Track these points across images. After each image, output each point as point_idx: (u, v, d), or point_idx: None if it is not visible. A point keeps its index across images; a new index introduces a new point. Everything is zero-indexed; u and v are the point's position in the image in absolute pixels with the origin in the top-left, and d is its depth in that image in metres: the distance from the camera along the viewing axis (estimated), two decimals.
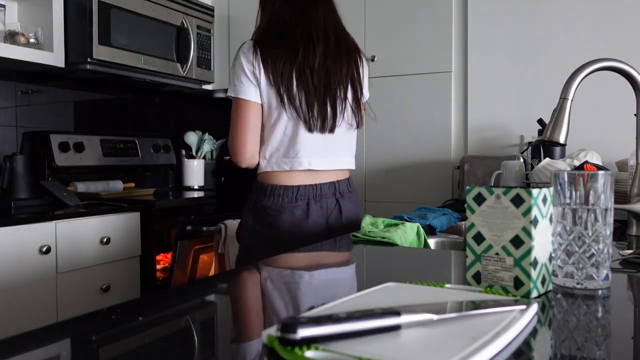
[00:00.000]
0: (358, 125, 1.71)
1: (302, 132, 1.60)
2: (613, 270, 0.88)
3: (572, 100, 1.24)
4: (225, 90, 3.23)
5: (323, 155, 1.65)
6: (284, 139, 1.62)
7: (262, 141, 1.67)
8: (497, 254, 0.75)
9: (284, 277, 1.00)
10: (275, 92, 1.59)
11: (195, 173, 2.99)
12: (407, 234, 1.25)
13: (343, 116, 1.65)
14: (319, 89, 1.60)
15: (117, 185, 2.58)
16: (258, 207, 1.64)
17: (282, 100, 1.59)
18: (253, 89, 1.62)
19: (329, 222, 1.65)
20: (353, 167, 1.75)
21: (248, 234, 1.66)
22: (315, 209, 1.62)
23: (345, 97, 1.65)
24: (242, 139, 1.66)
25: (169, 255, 2.77)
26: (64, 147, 2.42)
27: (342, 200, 1.69)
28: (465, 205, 0.78)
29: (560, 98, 1.25)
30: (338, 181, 1.70)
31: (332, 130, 1.64)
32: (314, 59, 1.60)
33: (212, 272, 2.48)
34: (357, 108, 1.69)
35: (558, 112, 1.25)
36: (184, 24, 2.77)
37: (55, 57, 2.27)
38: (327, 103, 1.62)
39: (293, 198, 1.61)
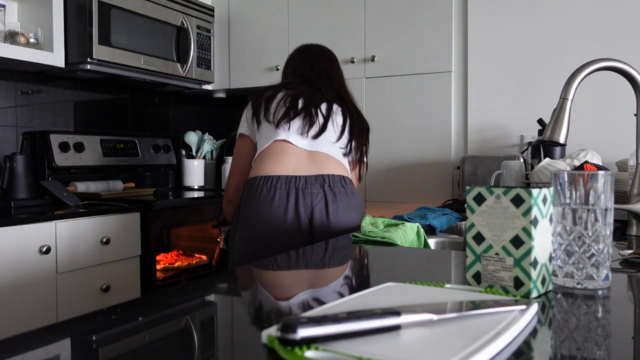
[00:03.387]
0: (333, 139, 1.76)
1: (280, 130, 1.70)
2: (613, 270, 0.88)
3: (572, 100, 1.24)
4: (225, 90, 3.24)
5: (303, 138, 1.70)
6: (267, 143, 1.72)
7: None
8: (497, 254, 0.75)
9: (284, 276, 1.00)
10: (254, 113, 1.75)
11: (195, 173, 2.99)
12: (407, 234, 1.25)
13: (323, 128, 1.73)
14: (297, 106, 1.72)
15: (117, 185, 2.58)
16: (240, 204, 1.70)
17: (257, 117, 1.73)
18: (245, 124, 1.78)
19: (314, 216, 1.61)
20: (344, 163, 1.77)
21: (231, 235, 1.71)
22: (293, 199, 1.61)
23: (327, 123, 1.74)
24: (230, 171, 1.85)
25: (169, 255, 2.77)
26: (64, 147, 2.42)
27: (331, 193, 1.64)
28: (465, 205, 0.78)
29: (560, 98, 1.25)
30: (329, 175, 1.66)
31: (315, 136, 1.71)
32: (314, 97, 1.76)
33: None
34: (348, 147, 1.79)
35: (558, 112, 1.25)
36: (184, 24, 2.77)
37: (55, 57, 2.27)
38: (303, 114, 1.72)
39: (272, 187, 1.63)
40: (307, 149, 1.68)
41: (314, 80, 1.81)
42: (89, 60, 2.30)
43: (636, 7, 2.25)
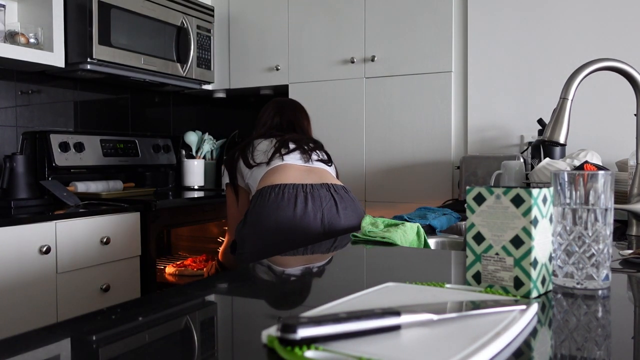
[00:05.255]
0: (322, 160, 1.90)
1: (275, 160, 1.81)
2: (613, 270, 0.88)
3: (572, 100, 1.24)
4: (225, 90, 3.24)
5: (299, 162, 1.80)
6: (259, 167, 1.81)
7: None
8: (497, 254, 0.75)
9: (284, 277, 1.00)
10: (231, 176, 1.88)
11: (195, 173, 2.99)
12: (407, 234, 1.25)
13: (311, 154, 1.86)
14: (288, 146, 1.84)
15: (117, 185, 2.58)
16: (246, 213, 1.75)
17: (235, 175, 1.86)
18: (227, 175, 1.92)
19: (325, 215, 1.67)
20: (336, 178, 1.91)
21: (239, 245, 1.75)
22: (301, 200, 1.67)
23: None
24: (228, 220, 1.99)
25: (187, 261, 2.76)
26: (64, 147, 2.42)
27: (337, 195, 1.72)
28: (465, 205, 0.78)
29: (560, 98, 1.25)
30: (332, 183, 1.76)
31: (311, 161, 1.83)
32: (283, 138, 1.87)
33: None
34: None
35: (558, 112, 1.25)
36: (184, 24, 2.77)
37: (55, 57, 2.27)
38: (298, 151, 1.83)
39: (280, 192, 1.68)
40: (305, 165, 1.79)
41: (291, 131, 1.94)
42: (89, 60, 2.30)
43: (636, 7, 2.25)
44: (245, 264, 1.72)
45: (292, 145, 1.83)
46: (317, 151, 1.89)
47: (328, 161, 1.90)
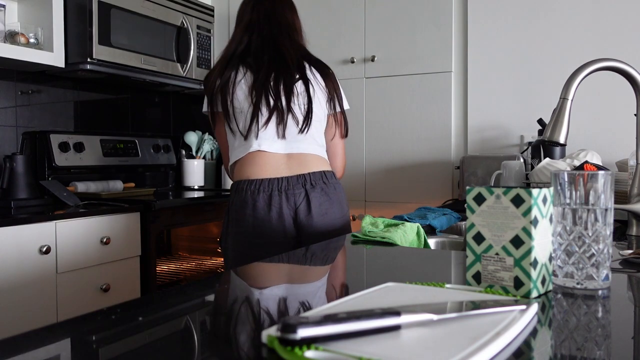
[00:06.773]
0: (302, 130, 1.70)
1: (251, 140, 1.68)
2: (613, 270, 0.88)
3: (572, 100, 1.24)
4: None
5: (276, 142, 1.68)
6: (235, 136, 1.71)
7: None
8: (497, 254, 0.75)
9: (284, 276, 1.00)
10: (212, 108, 1.74)
11: (195, 173, 2.99)
12: (407, 234, 1.25)
13: (286, 116, 1.68)
14: (269, 104, 1.67)
15: (117, 185, 2.58)
16: (229, 206, 1.73)
17: (215, 113, 1.73)
18: (206, 105, 1.80)
19: (298, 215, 1.65)
20: (323, 155, 1.76)
21: (223, 237, 1.73)
22: (276, 200, 1.64)
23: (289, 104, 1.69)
24: (222, 151, 1.87)
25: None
26: (64, 147, 2.42)
27: (313, 191, 1.67)
28: (465, 205, 0.78)
29: (560, 98, 1.25)
30: (309, 173, 1.68)
31: (288, 135, 1.69)
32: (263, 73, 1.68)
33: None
34: (307, 115, 1.70)
35: (558, 112, 1.25)
36: (184, 24, 2.77)
37: (55, 57, 2.27)
38: (273, 117, 1.67)
39: (255, 190, 1.65)
40: (282, 153, 1.69)
41: (272, 38, 1.71)
42: (89, 60, 2.30)
43: (636, 8, 2.25)
44: (229, 265, 1.72)
45: (271, 101, 1.65)
46: (296, 102, 1.69)
47: (306, 118, 1.69)
